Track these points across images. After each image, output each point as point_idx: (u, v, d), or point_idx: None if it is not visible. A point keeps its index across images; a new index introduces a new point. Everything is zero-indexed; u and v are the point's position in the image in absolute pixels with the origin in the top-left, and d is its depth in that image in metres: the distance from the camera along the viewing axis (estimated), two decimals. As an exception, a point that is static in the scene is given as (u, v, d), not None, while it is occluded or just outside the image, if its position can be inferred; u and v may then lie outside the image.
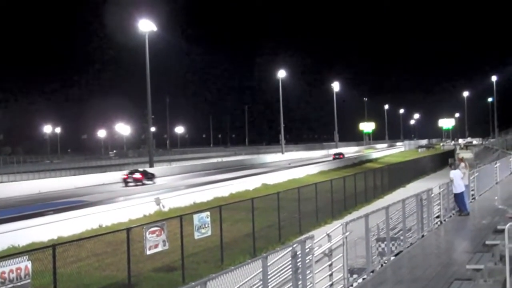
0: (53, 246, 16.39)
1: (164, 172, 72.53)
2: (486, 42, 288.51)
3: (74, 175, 72.79)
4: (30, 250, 16.53)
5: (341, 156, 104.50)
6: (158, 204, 35.98)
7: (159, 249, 19.87)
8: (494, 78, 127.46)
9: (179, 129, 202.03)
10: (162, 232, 19.88)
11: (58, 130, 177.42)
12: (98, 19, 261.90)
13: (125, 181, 61.16)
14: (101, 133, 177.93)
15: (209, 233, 22.86)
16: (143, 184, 60.25)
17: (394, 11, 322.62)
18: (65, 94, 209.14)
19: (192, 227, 21.98)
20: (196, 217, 22.32)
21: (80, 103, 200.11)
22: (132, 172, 62.82)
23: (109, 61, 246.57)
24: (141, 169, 65.51)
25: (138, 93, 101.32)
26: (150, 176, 63.34)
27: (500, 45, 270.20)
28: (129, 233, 18.78)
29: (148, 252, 19.49)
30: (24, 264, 14.73)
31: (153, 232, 19.51)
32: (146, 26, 70.13)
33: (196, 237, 22.29)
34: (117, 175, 64.67)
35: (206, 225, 22.58)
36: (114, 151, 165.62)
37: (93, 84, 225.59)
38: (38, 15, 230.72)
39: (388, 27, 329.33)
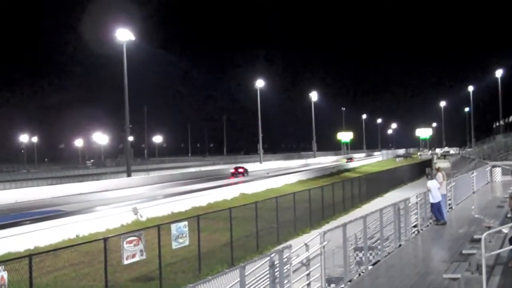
0: (30, 256, 16.25)
1: (142, 181, 72.22)
2: (463, 52, 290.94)
3: (51, 184, 72.16)
4: (6, 260, 16.36)
5: (352, 160, 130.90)
6: (135, 214, 35.83)
7: (137, 258, 19.76)
8: (470, 88, 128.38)
9: (157, 139, 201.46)
10: (140, 242, 19.78)
11: (35, 139, 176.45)
12: (75, 29, 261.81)
13: (233, 174, 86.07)
14: (79, 143, 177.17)
15: (187, 242, 22.79)
16: (243, 176, 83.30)
17: (373, 21, 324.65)
18: (42, 104, 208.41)
19: (169, 236, 21.89)
20: (174, 226, 22.23)
21: (58, 112, 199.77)
22: (237, 168, 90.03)
23: (86, 70, 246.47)
24: (242, 165, 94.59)
25: (116, 103, 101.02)
26: (247, 171, 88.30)
27: (476, 56, 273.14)
28: (106, 243, 18.64)
29: (126, 262, 19.36)
30: (0, 274, 14.60)
31: (130, 242, 19.40)
32: (124, 35, 69.70)
33: (173, 247, 22.20)
34: (95, 185, 64.74)
35: (184, 235, 22.51)
36: (92, 160, 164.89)
37: (71, 93, 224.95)
38: (13, 26, 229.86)
39: (366, 38, 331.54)
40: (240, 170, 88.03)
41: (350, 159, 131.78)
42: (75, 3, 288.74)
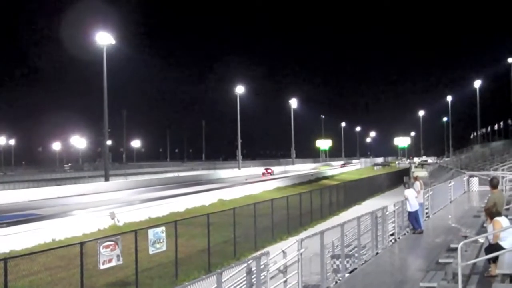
0: (5, 259, 16.13)
1: (119, 186, 71.86)
2: (442, 62, 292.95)
3: (28, 187, 71.68)
4: (-20, 264, 16.22)
5: (346, 165, 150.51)
6: (113, 218, 35.67)
7: (113, 263, 19.66)
8: (449, 98, 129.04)
9: (136, 143, 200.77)
10: (116, 247, 19.68)
11: (12, 142, 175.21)
12: (54, 32, 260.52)
13: (264, 174, 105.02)
14: (56, 146, 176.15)
15: (164, 248, 22.72)
16: (271, 175, 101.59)
17: (353, 29, 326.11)
18: (20, 106, 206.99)
19: (147, 242, 21.81)
20: (151, 232, 22.16)
21: (36, 115, 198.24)
22: (266, 169, 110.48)
23: (65, 73, 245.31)
24: (271, 167, 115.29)
25: (95, 106, 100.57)
26: (273, 171, 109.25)
27: (455, 66, 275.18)
28: (82, 247, 18.54)
29: (102, 267, 19.26)
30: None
31: (107, 247, 19.30)
32: (104, 39, 69.17)
33: (150, 252, 22.12)
34: (72, 189, 64.39)
35: (161, 240, 22.44)
36: (69, 164, 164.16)
37: (49, 96, 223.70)
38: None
39: (345, 45, 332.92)
40: (269, 170, 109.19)
41: (344, 164, 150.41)
42: (54, 6, 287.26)
